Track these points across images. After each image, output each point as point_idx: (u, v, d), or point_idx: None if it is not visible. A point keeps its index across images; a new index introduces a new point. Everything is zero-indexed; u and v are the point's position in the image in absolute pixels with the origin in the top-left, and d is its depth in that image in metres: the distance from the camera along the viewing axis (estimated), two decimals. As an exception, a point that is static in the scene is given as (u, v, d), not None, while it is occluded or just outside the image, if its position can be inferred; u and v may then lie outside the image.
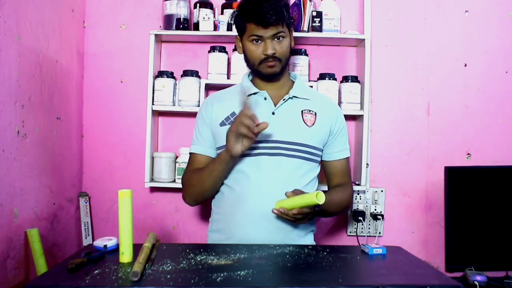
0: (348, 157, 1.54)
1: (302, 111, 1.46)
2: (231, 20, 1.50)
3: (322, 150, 1.50)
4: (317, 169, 1.49)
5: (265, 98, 1.46)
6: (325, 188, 1.58)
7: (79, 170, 2.00)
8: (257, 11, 1.34)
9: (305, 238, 1.45)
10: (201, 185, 1.45)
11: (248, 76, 1.54)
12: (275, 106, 1.45)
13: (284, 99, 1.46)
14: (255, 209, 1.37)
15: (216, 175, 1.41)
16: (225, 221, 1.43)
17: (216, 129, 1.47)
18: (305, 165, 1.43)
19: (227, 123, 1.44)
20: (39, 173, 1.58)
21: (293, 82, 1.53)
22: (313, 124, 1.45)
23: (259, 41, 1.39)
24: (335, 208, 1.49)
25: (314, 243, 1.49)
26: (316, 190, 1.49)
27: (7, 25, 1.36)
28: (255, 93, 1.47)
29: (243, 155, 1.38)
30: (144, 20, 2.03)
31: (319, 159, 1.49)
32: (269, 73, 1.43)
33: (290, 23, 1.43)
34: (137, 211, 2.05)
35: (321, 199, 1.14)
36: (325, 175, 1.55)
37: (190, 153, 1.54)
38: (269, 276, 1.01)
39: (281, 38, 1.39)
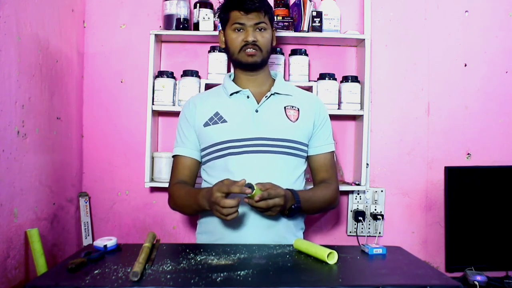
0: (332, 152, 1.52)
1: (285, 107, 1.46)
2: (216, 16, 1.52)
3: (307, 146, 1.49)
4: (303, 165, 1.49)
5: (248, 97, 1.46)
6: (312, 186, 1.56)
7: (79, 170, 2.00)
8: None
9: (296, 236, 1.45)
10: (183, 210, 1.49)
11: (230, 76, 1.55)
12: (258, 103, 1.45)
13: (267, 96, 1.46)
14: (244, 208, 1.36)
15: (196, 210, 1.40)
16: (213, 222, 1.42)
17: (200, 130, 1.46)
18: (292, 161, 1.43)
19: (211, 124, 1.44)
20: (39, 173, 1.58)
21: (274, 80, 1.53)
22: (297, 119, 1.45)
23: (241, 30, 1.42)
24: (319, 205, 1.45)
25: None
26: (304, 187, 1.49)
27: (7, 25, 1.36)
28: (237, 92, 1.47)
29: (229, 154, 1.39)
30: (144, 20, 2.03)
31: (305, 154, 1.48)
32: (249, 62, 1.43)
33: (272, 18, 1.47)
34: (137, 211, 2.05)
35: (332, 259, 1.12)
36: (310, 171, 1.55)
37: (173, 156, 1.51)
38: (269, 276, 1.01)
39: (262, 29, 1.42)
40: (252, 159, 1.39)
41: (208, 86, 1.96)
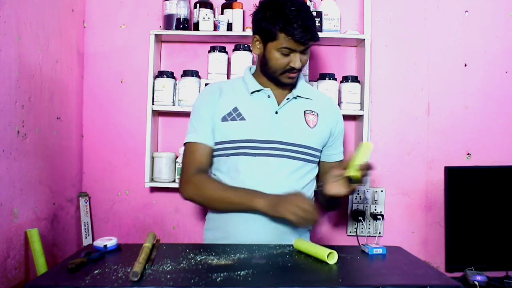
0: (342, 160, 1.53)
1: (304, 112, 1.45)
2: (252, 20, 1.41)
3: (321, 151, 1.49)
4: (315, 170, 1.48)
5: (269, 96, 1.43)
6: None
7: (79, 170, 2.00)
8: (297, 28, 1.30)
9: (302, 236, 1.44)
10: (210, 202, 1.41)
11: (250, 69, 1.50)
12: (278, 105, 1.43)
13: (288, 98, 1.43)
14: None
15: (233, 208, 1.36)
16: (222, 220, 1.41)
17: (217, 123, 1.42)
18: (306, 167, 1.42)
19: (229, 119, 1.40)
20: (39, 173, 1.58)
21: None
22: (315, 125, 1.44)
23: (289, 54, 1.35)
24: (335, 205, 1.50)
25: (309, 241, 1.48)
26: (312, 192, 1.49)
27: (7, 25, 1.36)
28: (258, 91, 1.44)
29: (243, 153, 1.38)
30: (144, 20, 2.03)
31: (318, 160, 1.48)
32: (288, 83, 1.41)
33: None
34: (137, 211, 2.05)
35: (332, 259, 1.12)
36: (319, 174, 1.54)
37: (188, 143, 1.44)
38: (269, 276, 1.01)
39: (307, 50, 1.38)
40: (269, 162, 1.37)
41: (208, 86, 1.96)
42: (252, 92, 1.44)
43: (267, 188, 1.35)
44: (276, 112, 1.42)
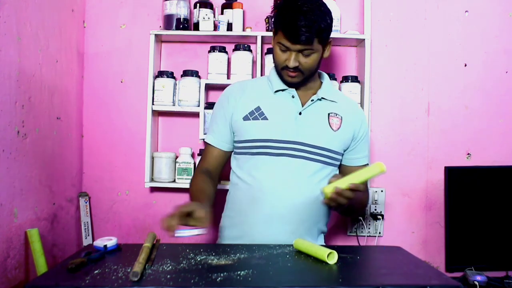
0: (367, 164, 1.50)
1: (329, 114, 1.43)
2: (271, 12, 1.40)
3: (342, 155, 1.47)
4: (335, 173, 1.46)
5: (293, 97, 1.41)
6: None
7: (79, 170, 2.00)
8: (289, 26, 1.28)
9: (317, 240, 1.44)
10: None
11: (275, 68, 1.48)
12: (302, 106, 1.41)
13: (313, 100, 1.41)
14: (273, 210, 1.35)
15: None
16: (240, 218, 1.40)
17: (238, 123, 1.41)
18: (325, 170, 1.41)
19: (251, 118, 1.39)
20: (39, 173, 1.58)
21: (321, 82, 1.48)
22: (339, 128, 1.42)
23: (286, 51, 1.33)
24: (359, 208, 1.51)
25: (324, 244, 1.47)
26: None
27: (7, 25, 1.36)
28: (283, 90, 1.42)
29: (264, 153, 1.37)
30: (144, 20, 2.03)
31: (338, 163, 1.46)
32: (289, 82, 1.39)
33: (325, 38, 1.34)
34: (137, 211, 2.05)
35: (332, 259, 1.12)
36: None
37: (205, 142, 1.52)
38: (269, 276, 1.01)
39: (309, 53, 1.33)
40: (289, 162, 1.36)
41: (208, 86, 1.96)
42: (276, 91, 1.42)
43: (287, 189, 1.35)
44: (300, 113, 1.40)
